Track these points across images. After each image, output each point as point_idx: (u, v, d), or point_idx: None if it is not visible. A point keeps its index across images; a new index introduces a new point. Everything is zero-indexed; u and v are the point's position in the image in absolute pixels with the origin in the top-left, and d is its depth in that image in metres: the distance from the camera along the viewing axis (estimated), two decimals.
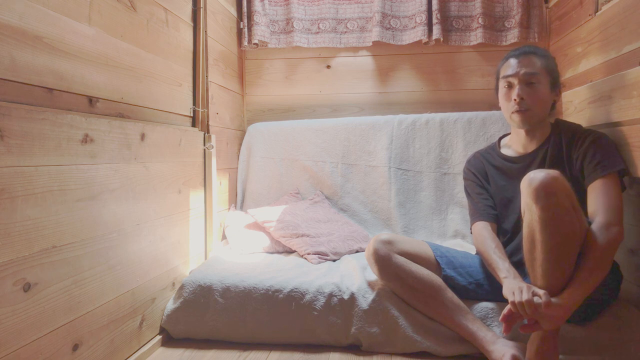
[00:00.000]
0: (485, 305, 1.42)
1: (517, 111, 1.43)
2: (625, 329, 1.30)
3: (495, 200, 1.55)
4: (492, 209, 1.53)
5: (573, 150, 1.41)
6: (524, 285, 1.16)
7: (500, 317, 1.18)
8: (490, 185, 1.58)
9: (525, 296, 1.12)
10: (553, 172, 1.15)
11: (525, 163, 1.49)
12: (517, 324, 1.19)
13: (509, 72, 1.46)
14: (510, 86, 1.47)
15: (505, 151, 1.58)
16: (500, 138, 1.65)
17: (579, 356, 1.28)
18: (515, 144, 1.55)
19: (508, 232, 1.50)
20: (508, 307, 1.16)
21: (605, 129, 1.60)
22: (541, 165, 1.43)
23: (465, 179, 1.66)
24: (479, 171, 1.61)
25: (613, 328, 1.31)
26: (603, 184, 1.29)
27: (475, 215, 1.54)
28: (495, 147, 1.62)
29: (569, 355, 1.28)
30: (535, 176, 1.16)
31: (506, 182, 1.53)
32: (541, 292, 1.13)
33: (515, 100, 1.43)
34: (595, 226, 1.22)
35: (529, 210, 1.18)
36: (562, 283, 1.16)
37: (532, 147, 1.49)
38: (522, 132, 1.50)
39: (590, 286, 1.17)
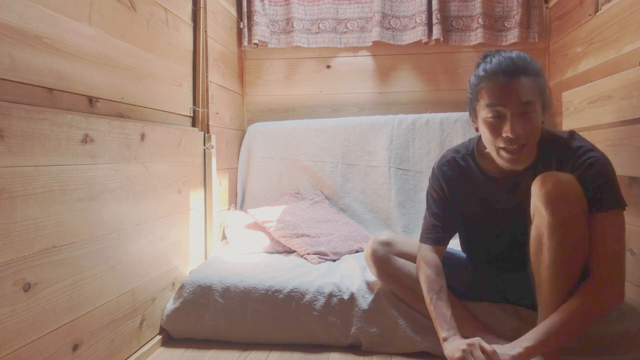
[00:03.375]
0: (485, 305, 1.42)
1: (509, 150, 1.18)
2: (625, 329, 1.30)
3: (466, 219, 1.40)
4: (448, 229, 1.39)
5: None
6: (467, 344, 1.08)
7: None
8: (459, 201, 1.38)
9: (480, 359, 1.04)
10: (565, 176, 1.10)
11: (508, 185, 1.30)
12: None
13: (498, 100, 1.17)
14: (498, 116, 1.18)
15: (485, 166, 1.33)
16: (478, 139, 1.36)
17: (579, 356, 1.28)
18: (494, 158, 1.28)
19: (493, 253, 1.41)
20: None
21: (605, 129, 1.60)
22: (528, 189, 1.22)
23: (431, 184, 1.42)
24: (449, 184, 1.38)
25: (613, 327, 1.31)
26: (602, 222, 1.12)
27: (427, 234, 1.40)
28: (473, 155, 1.36)
29: (569, 356, 1.28)
30: (546, 179, 1.10)
31: (482, 204, 1.35)
32: (488, 348, 1.05)
33: (509, 137, 1.16)
34: (591, 285, 1.10)
35: (538, 213, 1.13)
36: (568, 287, 1.13)
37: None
38: None
39: (558, 343, 1.09)
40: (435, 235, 1.39)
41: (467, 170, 1.36)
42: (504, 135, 1.17)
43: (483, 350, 1.06)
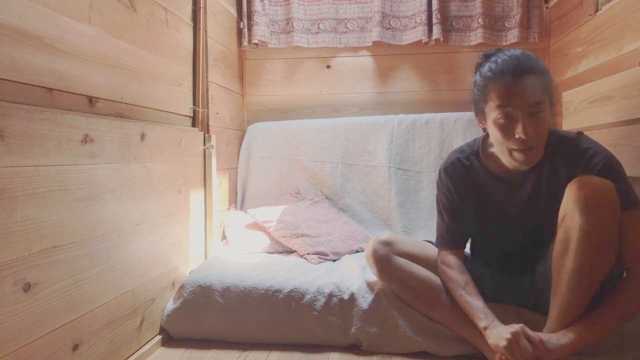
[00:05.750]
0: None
1: (521, 151, 1.17)
2: (626, 329, 1.30)
3: (474, 219, 1.39)
4: (462, 231, 1.40)
5: (574, 177, 1.17)
6: (513, 332, 1.10)
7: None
8: (466, 203, 1.38)
9: (527, 350, 1.07)
10: (606, 183, 1.06)
11: (513, 186, 1.30)
12: None
13: (509, 102, 1.15)
14: (509, 117, 1.17)
15: (490, 165, 1.33)
16: (484, 138, 1.36)
17: (579, 356, 1.28)
18: (502, 159, 1.28)
19: (498, 252, 1.42)
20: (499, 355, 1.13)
21: (605, 129, 1.60)
22: (535, 190, 1.27)
23: (438, 188, 1.43)
24: (455, 185, 1.37)
25: None
26: (627, 222, 1.11)
27: (442, 239, 1.41)
28: (478, 154, 1.36)
29: (568, 355, 1.28)
30: (585, 183, 1.07)
31: (487, 204, 1.35)
32: (534, 337, 1.08)
33: (521, 138, 1.15)
34: (628, 279, 1.13)
35: (570, 216, 1.10)
36: (585, 298, 1.12)
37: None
38: None
39: (606, 333, 1.12)
40: (451, 240, 1.39)
41: (472, 169, 1.36)
42: (517, 137, 1.15)
43: (529, 339, 1.08)
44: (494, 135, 1.22)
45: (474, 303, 1.24)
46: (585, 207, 1.05)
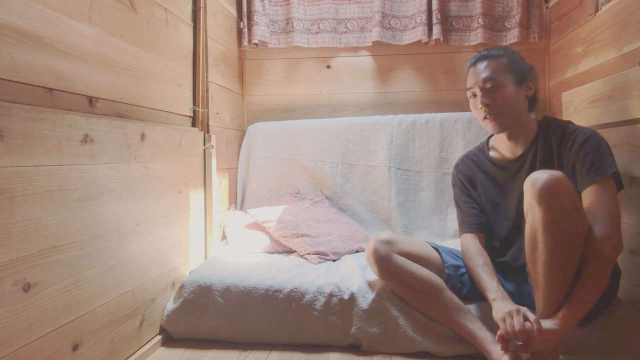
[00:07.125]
0: (485, 305, 1.42)
1: (487, 117, 1.40)
2: (625, 329, 1.30)
3: (485, 207, 1.52)
4: (480, 217, 1.51)
5: (564, 153, 1.35)
6: (513, 309, 1.15)
7: (496, 337, 1.18)
8: (478, 192, 1.54)
9: (517, 325, 1.11)
10: (557, 173, 1.14)
11: (514, 169, 1.44)
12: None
13: (469, 83, 1.44)
14: (474, 95, 1.43)
15: (493, 154, 1.52)
16: (490, 137, 1.58)
17: (579, 356, 1.28)
18: (501, 148, 1.49)
19: (502, 238, 1.48)
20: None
21: (605, 129, 1.60)
22: (531, 170, 1.35)
23: (453, 185, 1.62)
24: (466, 178, 1.56)
25: (613, 328, 1.31)
26: (597, 190, 1.24)
27: (463, 226, 1.52)
28: (484, 149, 1.56)
29: (569, 355, 1.28)
30: (538, 177, 1.14)
31: (495, 189, 1.49)
32: (532, 317, 1.11)
33: (481, 108, 1.40)
34: (593, 239, 1.17)
35: (531, 211, 1.17)
36: (564, 285, 1.15)
37: (519, 151, 1.44)
38: (503, 136, 1.45)
39: (588, 306, 1.15)
40: (469, 224, 1.51)
41: (479, 162, 1.55)
42: (479, 107, 1.41)
43: (526, 318, 1.12)
44: (473, 114, 1.47)
45: (488, 279, 1.33)
46: (542, 198, 1.13)
